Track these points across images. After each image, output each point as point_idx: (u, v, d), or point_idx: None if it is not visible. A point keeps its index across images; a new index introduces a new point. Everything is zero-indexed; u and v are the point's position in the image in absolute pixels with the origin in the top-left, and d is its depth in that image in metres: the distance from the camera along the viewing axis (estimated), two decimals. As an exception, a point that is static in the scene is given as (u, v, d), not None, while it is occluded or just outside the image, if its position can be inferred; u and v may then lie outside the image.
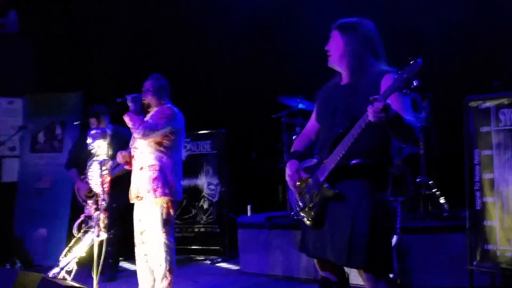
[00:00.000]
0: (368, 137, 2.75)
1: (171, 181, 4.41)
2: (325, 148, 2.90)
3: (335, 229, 2.84)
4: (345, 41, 2.93)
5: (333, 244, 2.83)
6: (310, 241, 2.99)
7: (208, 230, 7.03)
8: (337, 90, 3.00)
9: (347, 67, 2.96)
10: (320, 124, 3.10)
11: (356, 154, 2.79)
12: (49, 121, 7.10)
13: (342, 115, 2.88)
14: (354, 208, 2.79)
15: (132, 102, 4.38)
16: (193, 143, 7.17)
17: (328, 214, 2.88)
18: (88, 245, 4.07)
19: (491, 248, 4.49)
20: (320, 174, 2.88)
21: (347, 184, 2.83)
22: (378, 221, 2.78)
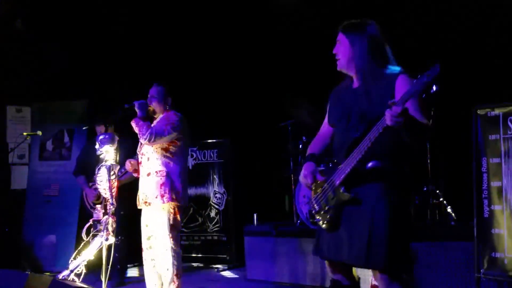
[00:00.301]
0: (384, 140, 2.72)
1: (178, 186, 4.45)
2: (341, 152, 2.88)
3: (352, 231, 2.83)
4: (352, 45, 2.91)
5: (350, 246, 2.82)
6: (325, 244, 2.99)
7: (214, 239, 7.04)
8: (350, 93, 2.99)
9: (356, 71, 2.94)
10: (334, 127, 3.09)
11: (372, 157, 2.78)
12: (57, 129, 7.16)
13: (357, 119, 2.87)
14: (371, 209, 2.78)
15: (139, 108, 4.44)
16: (200, 152, 7.20)
17: (344, 217, 2.88)
18: (97, 249, 4.10)
19: (499, 256, 4.48)
20: (336, 178, 2.87)
21: (364, 187, 2.82)
22: (396, 222, 2.78)
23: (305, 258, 5.51)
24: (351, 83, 3.02)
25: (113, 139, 4.22)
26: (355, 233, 2.82)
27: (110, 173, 4.15)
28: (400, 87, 2.74)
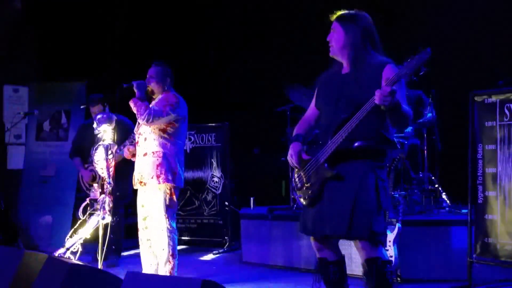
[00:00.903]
0: (370, 121, 2.92)
1: (174, 168, 4.46)
2: (328, 132, 3.04)
3: (335, 205, 2.99)
4: (346, 33, 3.08)
5: (333, 219, 2.98)
6: (309, 220, 3.12)
7: (211, 222, 7.07)
8: (339, 78, 3.15)
9: (348, 58, 3.11)
10: (321, 110, 3.24)
11: (359, 137, 2.95)
12: (54, 110, 7.15)
13: (345, 102, 3.03)
14: (357, 184, 2.95)
15: (138, 88, 4.43)
16: (198, 135, 7.21)
17: (326, 193, 3.04)
18: (93, 227, 4.13)
19: (492, 241, 4.52)
20: (321, 155, 3.03)
21: (350, 165, 2.99)
22: (379, 196, 2.97)
23: (300, 242, 5.54)
24: (340, 69, 3.18)
25: (110, 119, 4.23)
26: (338, 206, 2.97)
27: (108, 152, 4.16)
28: (386, 74, 2.92)
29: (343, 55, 3.12)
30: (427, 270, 4.77)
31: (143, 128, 4.55)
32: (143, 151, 4.51)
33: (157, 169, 4.41)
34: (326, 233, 3.05)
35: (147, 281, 2.97)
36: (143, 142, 4.53)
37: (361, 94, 2.94)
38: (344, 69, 3.16)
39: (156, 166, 4.42)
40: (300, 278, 5.18)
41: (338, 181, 2.99)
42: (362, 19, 3.11)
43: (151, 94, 4.59)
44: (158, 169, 4.41)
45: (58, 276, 3.14)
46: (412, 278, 4.77)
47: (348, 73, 3.12)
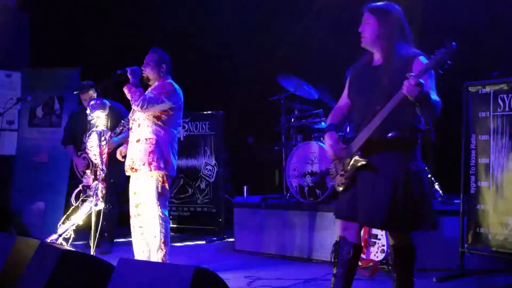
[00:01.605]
0: (403, 112, 3.02)
1: (167, 156, 4.45)
2: (362, 124, 3.15)
3: (370, 195, 3.10)
4: (379, 25, 3.14)
5: (368, 209, 3.10)
6: (343, 205, 3.26)
7: (204, 210, 7.07)
8: (370, 69, 3.24)
9: (381, 49, 3.18)
10: (354, 102, 3.33)
11: (392, 127, 3.05)
12: (47, 96, 7.11)
13: (378, 93, 3.11)
14: (391, 177, 3.05)
15: (132, 74, 4.41)
16: (192, 123, 7.19)
17: (359, 182, 3.15)
18: (86, 214, 4.13)
19: (483, 231, 4.55)
20: (354, 145, 3.16)
21: (384, 155, 3.09)
22: (413, 188, 3.06)
23: (293, 231, 5.56)
24: (371, 61, 3.26)
25: (104, 105, 4.21)
26: (372, 196, 3.08)
27: (101, 139, 4.15)
28: (417, 66, 3.01)
29: (376, 46, 3.19)
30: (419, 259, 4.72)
31: (137, 115, 4.53)
32: (137, 137, 4.49)
33: (149, 156, 4.39)
34: (359, 220, 3.18)
35: (139, 268, 2.96)
36: (137, 128, 4.51)
37: (393, 86, 3.01)
38: (375, 61, 3.23)
39: (149, 153, 4.40)
40: (293, 266, 5.21)
41: (371, 170, 3.10)
42: (394, 11, 3.17)
43: (147, 80, 4.57)
44: (150, 156, 4.39)
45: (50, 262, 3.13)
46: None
47: (379, 65, 3.19)
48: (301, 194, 5.66)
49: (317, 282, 4.49)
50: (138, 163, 4.41)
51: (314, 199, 5.54)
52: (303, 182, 5.65)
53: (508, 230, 4.37)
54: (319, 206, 5.44)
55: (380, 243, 4.60)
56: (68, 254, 3.18)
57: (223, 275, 2.77)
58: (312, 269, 4.97)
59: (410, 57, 3.08)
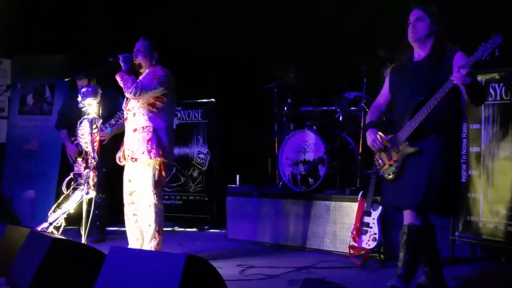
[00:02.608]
0: (445, 103, 3.25)
1: (165, 142, 4.44)
2: (406, 114, 3.39)
3: (411, 180, 3.36)
4: (432, 23, 3.43)
5: (407, 193, 3.36)
6: (388, 194, 3.58)
7: (196, 199, 7.06)
8: (412, 65, 3.51)
9: (429, 47, 3.45)
10: (396, 95, 3.61)
11: (434, 117, 3.29)
12: (38, 83, 7.05)
13: (420, 86, 3.39)
14: (431, 162, 3.30)
15: (124, 62, 4.38)
16: (184, 111, 7.17)
17: (406, 168, 3.40)
18: (77, 202, 4.10)
19: (474, 219, 4.58)
20: (402, 135, 3.41)
21: (426, 142, 3.35)
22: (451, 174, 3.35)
23: (286, 219, 5.57)
24: (411, 57, 3.54)
25: (95, 92, 4.19)
26: (413, 181, 3.34)
27: (92, 127, 4.12)
28: (457, 61, 3.29)
29: (426, 42, 3.46)
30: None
31: (131, 104, 4.50)
32: (133, 126, 4.47)
33: (148, 144, 4.38)
34: (399, 204, 3.47)
35: (131, 256, 2.96)
36: (132, 117, 4.49)
37: (436, 78, 3.30)
38: (416, 57, 3.51)
39: (147, 141, 4.38)
40: (285, 254, 5.22)
41: (416, 157, 3.35)
42: (442, 12, 3.48)
43: (138, 68, 4.54)
44: (148, 144, 4.38)
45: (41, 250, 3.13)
46: (396, 255, 4.80)
47: (422, 60, 3.47)
48: (293, 183, 5.66)
49: (310, 270, 4.50)
50: (137, 153, 4.39)
51: (307, 187, 5.54)
52: (296, 170, 5.65)
53: (498, 218, 4.40)
54: (312, 195, 5.45)
55: (371, 232, 4.62)
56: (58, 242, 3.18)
57: (215, 263, 2.77)
58: (304, 258, 4.98)
59: (451, 51, 3.36)
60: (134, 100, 4.44)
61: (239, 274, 4.35)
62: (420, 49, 3.50)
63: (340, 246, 5.12)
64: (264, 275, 4.30)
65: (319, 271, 4.46)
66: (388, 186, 3.56)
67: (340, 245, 5.13)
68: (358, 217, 4.74)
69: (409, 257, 3.40)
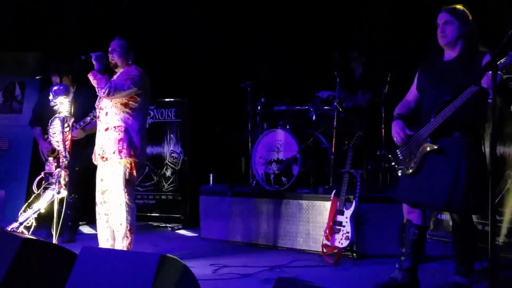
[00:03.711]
0: (471, 104, 3.28)
1: (136, 143, 4.40)
2: (432, 112, 3.44)
3: (435, 178, 3.40)
4: (461, 26, 3.47)
5: (432, 191, 3.40)
6: (404, 188, 3.61)
7: (170, 198, 7.03)
8: (441, 65, 3.56)
9: (460, 48, 3.50)
10: (423, 92, 3.64)
11: (459, 116, 3.32)
12: (8, 81, 6.93)
13: (448, 85, 3.42)
14: (456, 162, 3.36)
15: (96, 60, 4.33)
16: (157, 110, 7.13)
17: (426, 166, 3.45)
18: (48, 202, 4.04)
19: (445, 218, 4.65)
20: (425, 131, 3.46)
21: (450, 141, 3.40)
22: (476, 174, 3.37)
23: (260, 218, 5.58)
24: (441, 57, 3.59)
25: (67, 90, 4.13)
26: (437, 180, 3.38)
27: (64, 125, 4.07)
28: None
29: (456, 45, 3.50)
30: (382, 246, 4.87)
31: (104, 103, 4.46)
32: (105, 126, 4.42)
33: (119, 143, 4.34)
34: (422, 201, 3.50)
35: (103, 256, 2.92)
36: (105, 116, 4.44)
37: (464, 79, 3.33)
38: (446, 57, 3.56)
39: (118, 140, 4.35)
40: (259, 254, 5.23)
41: (438, 155, 3.40)
42: (469, 14, 3.50)
43: (114, 67, 4.50)
44: (120, 144, 4.34)
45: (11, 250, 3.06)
46: (368, 253, 4.87)
47: (451, 60, 3.52)
48: (267, 182, 5.67)
49: (283, 269, 4.52)
50: (108, 152, 4.35)
51: (280, 186, 5.56)
52: (269, 169, 5.67)
53: (468, 216, 4.45)
54: (285, 194, 5.46)
55: (344, 230, 4.66)
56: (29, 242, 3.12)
57: (189, 263, 2.76)
58: (277, 257, 5.00)
59: (480, 53, 3.40)
60: (107, 99, 4.39)
61: (212, 274, 4.34)
62: (451, 50, 3.55)
63: (313, 245, 5.15)
64: (237, 274, 4.31)
65: (292, 270, 4.48)
66: (406, 181, 3.59)
67: (313, 244, 5.15)
68: (331, 216, 4.78)
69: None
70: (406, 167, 3.55)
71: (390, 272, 3.68)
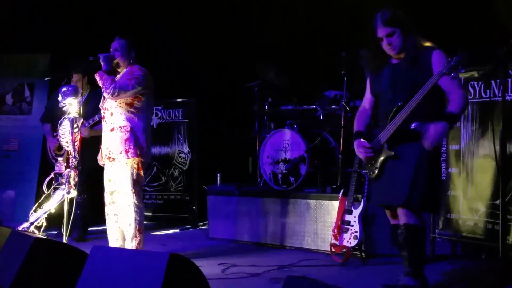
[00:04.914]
0: (425, 105, 3.28)
1: (142, 142, 4.43)
2: (387, 117, 3.44)
3: (394, 180, 3.44)
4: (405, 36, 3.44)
5: (392, 191, 3.46)
6: (373, 193, 3.72)
7: (177, 198, 7.04)
8: (392, 67, 3.56)
9: (406, 53, 3.48)
10: (378, 97, 3.68)
11: (416, 117, 3.29)
12: (17, 83, 6.98)
13: (402, 88, 3.44)
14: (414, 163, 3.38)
15: (104, 61, 4.36)
16: (165, 111, 7.14)
17: (386, 170, 3.50)
18: (58, 202, 4.07)
19: (454, 217, 4.64)
20: (382, 137, 3.48)
21: (407, 144, 3.40)
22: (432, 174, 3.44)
23: (267, 218, 5.58)
24: (389, 58, 3.57)
25: (76, 92, 4.15)
26: (397, 181, 3.42)
27: (73, 126, 4.09)
28: (436, 61, 3.35)
29: (402, 51, 3.48)
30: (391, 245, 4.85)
31: (109, 103, 4.48)
32: (110, 126, 4.45)
33: (125, 143, 4.37)
34: (384, 202, 3.59)
35: (114, 255, 2.94)
36: (110, 117, 4.47)
37: (415, 79, 3.35)
38: (394, 60, 3.56)
39: (124, 140, 4.37)
40: (267, 253, 5.23)
41: (397, 160, 3.43)
42: (405, 14, 3.47)
43: (116, 67, 4.52)
44: (126, 144, 4.37)
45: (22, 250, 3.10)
46: (376, 253, 4.87)
47: (400, 61, 3.51)
48: (274, 182, 5.68)
49: (291, 268, 4.52)
50: (115, 152, 4.38)
51: (288, 186, 5.56)
52: (277, 169, 5.67)
53: (478, 215, 4.45)
54: (293, 193, 5.47)
55: (353, 230, 4.65)
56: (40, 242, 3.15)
57: (197, 262, 2.77)
58: (285, 256, 5.01)
59: (427, 50, 3.40)
60: (112, 100, 4.42)
61: (221, 273, 4.36)
62: (398, 56, 3.55)
63: (321, 245, 5.16)
64: (246, 273, 4.32)
65: (301, 269, 4.49)
66: (373, 186, 3.69)
67: (321, 243, 5.16)
68: (339, 215, 4.77)
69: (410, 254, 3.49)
70: (369, 172, 3.59)
71: (399, 271, 3.66)
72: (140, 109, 4.46)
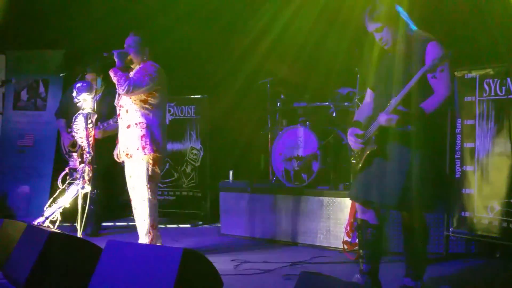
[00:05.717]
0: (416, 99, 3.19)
1: (158, 138, 4.45)
2: (379, 109, 3.35)
3: (385, 176, 3.29)
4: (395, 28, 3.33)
5: (382, 189, 3.30)
6: (358, 186, 3.48)
7: (190, 195, 7.06)
8: (387, 58, 3.46)
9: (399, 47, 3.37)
10: (375, 89, 3.59)
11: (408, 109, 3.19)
12: (32, 79, 7.03)
13: (397, 79, 3.33)
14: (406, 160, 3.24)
15: (118, 57, 4.37)
16: (177, 107, 7.16)
17: (375, 164, 3.36)
18: (72, 197, 4.11)
19: (468, 215, 4.61)
20: (372, 128, 3.37)
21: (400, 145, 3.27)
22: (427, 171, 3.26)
23: (279, 215, 5.58)
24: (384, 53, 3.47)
25: (91, 87, 4.18)
26: (387, 179, 3.27)
27: (87, 122, 4.12)
28: (429, 53, 3.22)
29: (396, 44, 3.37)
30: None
31: (123, 100, 4.50)
32: (126, 123, 4.47)
33: (142, 140, 4.39)
34: (373, 200, 3.37)
35: (128, 250, 2.97)
36: (125, 114, 4.49)
37: (409, 71, 3.24)
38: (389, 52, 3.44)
39: (141, 137, 4.39)
40: (279, 250, 5.24)
41: (384, 156, 3.30)
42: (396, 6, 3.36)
43: (130, 63, 4.53)
44: (143, 140, 4.39)
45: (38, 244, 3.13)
46: (389, 250, 4.85)
47: (393, 55, 3.40)
48: (287, 178, 5.67)
49: (303, 265, 4.52)
50: (132, 149, 4.40)
51: (300, 183, 5.56)
52: (289, 166, 5.67)
53: (492, 214, 4.43)
54: (305, 190, 5.47)
55: (366, 227, 4.63)
56: (55, 236, 3.18)
57: (210, 258, 2.79)
58: (298, 253, 5.01)
59: (423, 41, 3.29)
60: (126, 97, 4.44)
61: (233, 269, 4.37)
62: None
63: (333, 242, 5.15)
64: (258, 270, 4.32)
65: (313, 266, 4.48)
66: (359, 178, 3.50)
67: (333, 240, 5.15)
68: (352, 212, 4.76)
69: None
70: (357, 161, 3.47)
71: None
72: (154, 105, 4.47)
